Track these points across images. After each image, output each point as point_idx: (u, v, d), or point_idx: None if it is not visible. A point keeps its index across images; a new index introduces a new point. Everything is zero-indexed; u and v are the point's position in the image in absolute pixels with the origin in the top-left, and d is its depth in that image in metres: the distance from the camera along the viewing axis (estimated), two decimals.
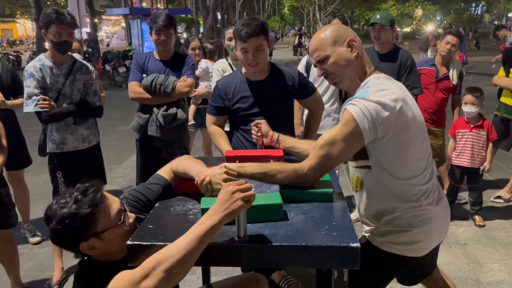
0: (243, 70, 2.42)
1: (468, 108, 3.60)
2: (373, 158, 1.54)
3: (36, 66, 2.84)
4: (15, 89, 3.30)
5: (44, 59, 2.89)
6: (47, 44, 2.95)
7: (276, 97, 2.34)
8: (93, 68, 3.11)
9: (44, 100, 2.76)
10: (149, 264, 1.17)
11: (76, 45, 3.83)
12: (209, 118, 2.47)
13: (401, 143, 1.50)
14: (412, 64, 3.60)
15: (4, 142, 2.61)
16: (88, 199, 1.33)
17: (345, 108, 1.49)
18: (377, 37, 3.56)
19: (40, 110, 2.77)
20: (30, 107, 2.79)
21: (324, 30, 1.61)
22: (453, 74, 3.98)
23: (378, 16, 3.57)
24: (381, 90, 1.49)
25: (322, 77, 1.63)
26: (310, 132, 2.58)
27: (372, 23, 3.57)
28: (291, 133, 2.36)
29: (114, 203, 1.39)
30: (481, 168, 3.68)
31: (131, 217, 1.42)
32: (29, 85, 2.80)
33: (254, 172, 1.53)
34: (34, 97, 2.79)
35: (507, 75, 4.01)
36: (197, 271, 2.91)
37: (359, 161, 1.57)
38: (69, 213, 1.30)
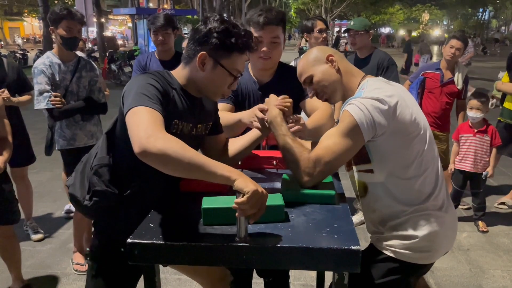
0: (250, 70, 2.13)
1: (473, 113, 3.59)
2: (374, 161, 1.53)
3: (45, 63, 2.88)
4: (20, 86, 3.31)
5: (51, 56, 2.93)
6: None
7: None
8: (96, 66, 3.15)
9: (55, 97, 2.79)
10: (164, 138, 1.25)
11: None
12: (222, 106, 2.00)
13: (401, 141, 1.50)
14: (389, 64, 3.64)
15: (10, 139, 2.62)
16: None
17: (343, 109, 1.51)
18: (353, 43, 3.73)
19: (52, 106, 2.80)
20: (42, 104, 2.83)
21: (306, 56, 1.69)
22: (458, 79, 3.96)
23: (352, 23, 3.73)
24: (375, 89, 1.52)
25: None
26: (310, 123, 1.97)
27: (346, 29, 3.74)
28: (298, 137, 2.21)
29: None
30: (484, 173, 3.67)
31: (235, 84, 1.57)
32: (40, 82, 2.84)
33: (282, 133, 1.62)
34: (45, 94, 2.83)
35: (511, 81, 3.99)
36: None
37: (360, 165, 1.57)
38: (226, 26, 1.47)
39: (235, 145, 1.81)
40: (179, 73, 1.59)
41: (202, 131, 1.69)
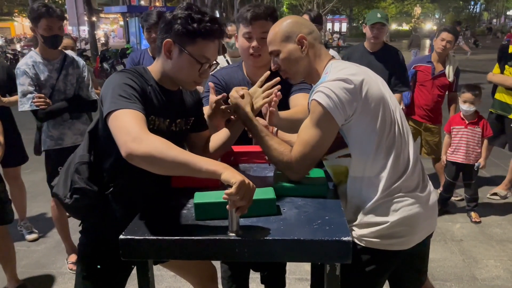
0: (244, 69, 2.11)
1: (467, 106, 3.61)
2: (350, 144, 1.52)
3: (28, 63, 2.81)
4: (11, 86, 3.29)
5: (35, 56, 2.87)
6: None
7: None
8: (83, 62, 3.10)
9: (39, 98, 2.73)
10: (147, 139, 1.27)
11: (70, 42, 3.82)
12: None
13: (372, 118, 1.49)
14: (403, 61, 3.67)
15: (1, 138, 2.61)
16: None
17: (311, 99, 1.50)
18: (377, 36, 3.58)
19: (36, 108, 2.75)
20: (25, 105, 2.77)
21: (279, 24, 1.64)
22: (449, 71, 3.99)
23: (379, 15, 3.57)
24: (339, 70, 1.51)
25: None
26: (284, 113, 1.86)
27: (374, 22, 3.54)
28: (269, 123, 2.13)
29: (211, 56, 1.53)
30: (476, 164, 3.70)
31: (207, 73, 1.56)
32: (23, 83, 2.77)
33: (259, 133, 1.61)
34: (29, 95, 2.76)
35: (501, 72, 4.02)
36: None
37: (338, 151, 1.56)
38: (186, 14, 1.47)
39: (216, 139, 1.81)
40: (154, 68, 1.59)
41: (182, 126, 1.68)
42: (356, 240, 1.57)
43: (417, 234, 1.59)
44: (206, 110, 1.88)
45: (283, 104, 1.91)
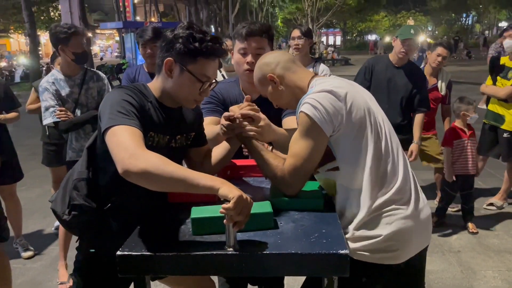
0: (240, 85, 2.12)
1: (476, 115, 3.68)
2: (338, 156, 1.54)
3: (49, 81, 2.96)
4: (7, 103, 3.31)
5: (56, 73, 3.02)
6: (56, 65, 3.04)
7: (272, 118, 1.85)
8: (104, 75, 3.21)
9: (60, 111, 2.85)
10: (144, 156, 1.27)
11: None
12: (210, 120, 1.99)
13: (358, 131, 1.50)
14: (425, 79, 3.70)
15: None
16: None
17: (299, 112, 1.52)
18: (407, 52, 3.50)
19: (58, 120, 2.86)
20: (48, 119, 2.90)
21: (255, 71, 1.75)
22: (441, 85, 4.05)
23: (412, 31, 3.48)
24: (323, 83, 1.56)
25: None
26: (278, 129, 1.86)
27: (407, 38, 3.45)
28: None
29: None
30: None
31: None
32: (45, 99, 2.92)
33: (255, 148, 1.65)
34: (51, 109, 2.89)
35: (494, 83, 4.08)
36: None
37: (327, 164, 1.58)
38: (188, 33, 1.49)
39: (215, 154, 1.82)
40: (154, 85, 1.60)
41: (183, 142, 1.69)
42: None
43: (409, 248, 1.57)
44: (207, 120, 1.91)
45: (276, 124, 1.91)
